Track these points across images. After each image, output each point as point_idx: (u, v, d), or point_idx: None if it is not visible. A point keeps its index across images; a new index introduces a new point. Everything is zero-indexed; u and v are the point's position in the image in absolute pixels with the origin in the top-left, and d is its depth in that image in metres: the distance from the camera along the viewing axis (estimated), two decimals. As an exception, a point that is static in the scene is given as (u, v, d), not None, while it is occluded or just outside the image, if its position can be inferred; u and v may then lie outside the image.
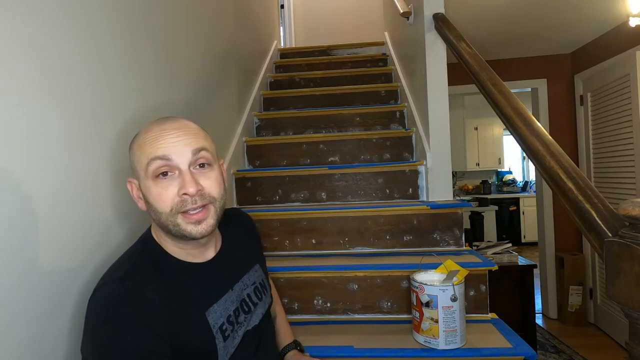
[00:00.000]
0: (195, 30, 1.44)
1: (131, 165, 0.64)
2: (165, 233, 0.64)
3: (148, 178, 0.60)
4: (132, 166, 0.64)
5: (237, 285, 0.73)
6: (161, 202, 0.60)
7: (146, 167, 0.60)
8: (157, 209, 0.61)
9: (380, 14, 3.41)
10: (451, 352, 0.97)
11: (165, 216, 0.60)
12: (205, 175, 0.63)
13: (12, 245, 0.59)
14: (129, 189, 0.66)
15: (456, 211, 1.41)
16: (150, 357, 0.55)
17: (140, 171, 0.61)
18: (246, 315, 0.72)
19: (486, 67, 1.19)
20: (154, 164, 0.59)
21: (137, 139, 0.63)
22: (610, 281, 0.60)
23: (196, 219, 0.61)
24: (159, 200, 0.60)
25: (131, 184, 0.65)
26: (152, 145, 0.60)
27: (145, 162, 0.60)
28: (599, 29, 2.57)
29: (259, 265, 0.82)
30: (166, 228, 0.62)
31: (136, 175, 0.63)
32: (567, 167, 0.79)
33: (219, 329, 0.65)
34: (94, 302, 0.58)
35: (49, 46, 0.68)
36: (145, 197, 0.62)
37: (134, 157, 0.63)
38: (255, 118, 2.19)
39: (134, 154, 0.63)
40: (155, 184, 0.60)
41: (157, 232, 0.67)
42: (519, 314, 2.36)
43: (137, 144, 0.62)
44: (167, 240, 0.66)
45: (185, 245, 0.66)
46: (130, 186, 0.65)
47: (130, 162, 0.65)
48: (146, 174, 0.60)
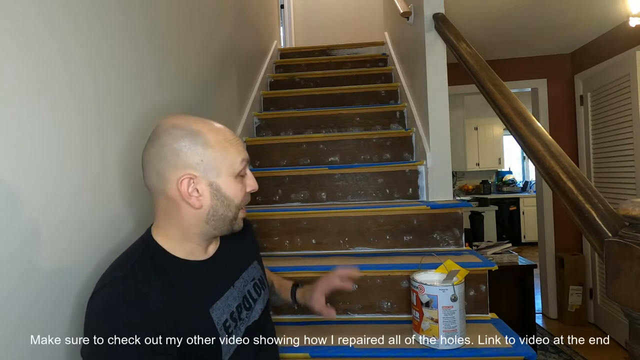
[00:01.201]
0: (195, 30, 1.44)
1: (192, 162, 0.62)
2: (209, 227, 0.66)
3: (232, 175, 0.66)
4: (199, 163, 0.63)
5: (238, 282, 0.74)
6: (239, 196, 0.68)
7: (237, 166, 0.66)
8: (233, 202, 0.67)
9: (380, 14, 3.41)
10: (451, 352, 0.97)
11: (236, 209, 0.68)
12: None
13: (13, 245, 0.59)
14: (182, 186, 0.62)
15: (456, 211, 1.41)
16: (153, 356, 0.55)
17: (226, 168, 0.65)
18: (247, 312, 0.73)
19: (486, 67, 1.19)
20: (243, 164, 0.67)
21: (210, 138, 0.64)
22: (610, 281, 0.60)
23: (244, 213, 0.72)
24: (238, 195, 0.67)
25: (189, 179, 0.62)
26: (237, 148, 0.67)
27: (238, 161, 0.66)
28: (599, 29, 2.57)
29: (257, 262, 0.84)
30: (226, 221, 0.67)
31: (207, 172, 0.63)
32: (567, 167, 0.79)
33: (223, 325, 0.65)
34: (94, 303, 0.58)
35: (49, 46, 0.68)
36: (224, 193, 0.65)
37: (209, 153, 0.63)
38: (255, 118, 2.19)
39: (209, 152, 0.63)
40: (237, 181, 0.67)
41: (165, 231, 0.66)
42: (519, 314, 2.36)
43: (217, 144, 0.64)
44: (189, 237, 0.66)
45: (205, 242, 0.69)
46: (184, 183, 0.62)
47: (189, 159, 0.62)
48: (233, 172, 0.66)
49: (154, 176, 0.63)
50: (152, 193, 0.65)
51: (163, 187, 0.63)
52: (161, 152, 0.62)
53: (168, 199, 0.63)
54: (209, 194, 0.64)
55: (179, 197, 0.62)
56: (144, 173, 0.65)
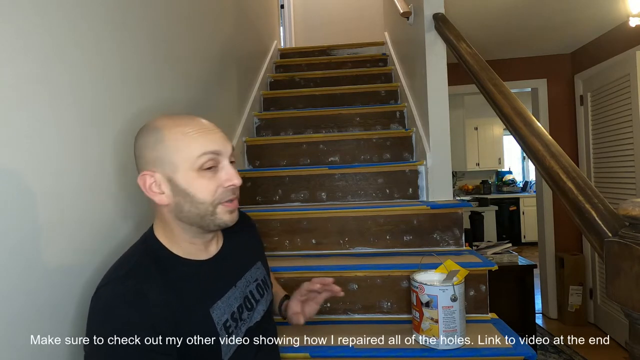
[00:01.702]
0: (195, 29, 1.44)
1: (151, 158, 0.62)
2: (189, 225, 0.64)
3: (193, 170, 0.62)
4: (156, 159, 0.62)
5: (240, 282, 0.73)
6: (207, 192, 0.63)
7: (195, 160, 0.62)
8: (199, 199, 0.62)
9: (380, 14, 3.41)
10: (451, 352, 0.97)
11: (206, 206, 0.63)
12: (235, 169, 0.67)
13: (13, 245, 0.59)
14: (142, 182, 0.62)
15: (456, 211, 1.41)
16: (153, 355, 0.55)
17: (183, 163, 0.62)
18: (249, 312, 0.73)
19: (486, 67, 1.19)
20: (205, 157, 0.62)
21: (169, 132, 0.62)
22: (610, 281, 0.60)
23: (233, 207, 0.66)
24: (204, 191, 0.62)
25: (146, 176, 0.62)
26: (201, 140, 0.62)
27: (196, 155, 0.62)
28: (599, 29, 2.57)
29: (261, 263, 0.83)
30: (200, 219, 0.64)
31: (164, 167, 0.62)
32: (567, 167, 0.79)
33: (223, 325, 0.65)
34: (96, 301, 0.58)
35: (48, 46, 0.68)
36: (184, 189, 0.62)
37: (164, 150, 0.62)
38: (255, 118, 2.19)
39: (165, 147, 0.62)
40: (200, 175, 0.62)
41: (165, 229, 0.66)
42: (519, 314, 2.36)
43: (175, 137, 0.62)
44: (179, 236, 0.66)
45: (197, 239, 0.67)
46: (144, 179, 0.62)
47: (149, 155, 0.62)
48: (192, 166, 0.62)
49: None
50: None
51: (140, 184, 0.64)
52: (135, 152, 0.65)
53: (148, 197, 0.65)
54: (169, 190, 0.63)
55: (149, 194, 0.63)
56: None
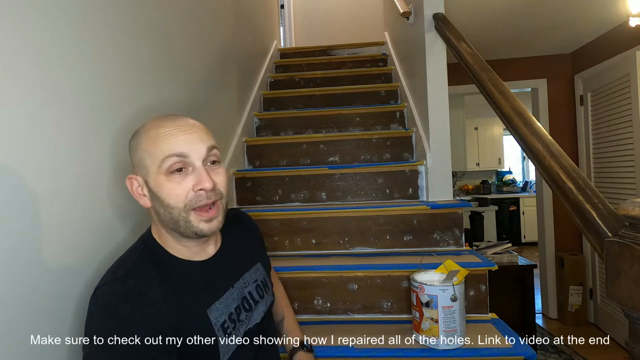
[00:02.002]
0: (195, 29, 1.44)
1: (135, 161, 0.63)
2: (170, 230, 0.64)
3: (161, 174, 0.60)
4: (137, 162, 0.62)
5: (238, 283, 0.73)
6: (175, 197, 0.60)
7: (161, 162, 0.59)
8: (169, 204, 0.60)
9: (380, 14, 3.41)
10: (451, 352, 0.97)
11: (178, 212, 0.61)
12: (216, 171, 0.64)
13: (12, 245, 0.59)
14: (129, 186, 0.64)
15: (456, 211, 1.41)
16: (154, 354, 0.55)
17: (151, 166, 0.60)
18: (247, 313, 0.72)
19: (486, 67, 1.19)
20: (170, 160, 0.59)
21: (145, 134, 0.62)
22: (610, 281, 0.60)
23: (208, 217, 0.62)
24: (172, 195, 0.60)
25: (132, 180, 0.63)
26: (168, 142, 0.60)
27: (161, 158, 0.59)
28: (599, 29, 2.57)
29: (261, 264, 0.82)
30: (175, 224, 0.62)
31: (141, 171, 0.62)
32: (567, 167, 0.79)
33: (221, 326, 0.65)
34: (95, 301, 0.58)
35: (48, 46, 0.68)
36: (155, 193, 0.61)
37: (141, 153, 0.61)
38: (255, 118, 2.19)
39: (141, 150, 0.61)
40: (169, 179, 0.60)
41: (158, 230, 0.66)
42: (519, 314, 2.36)
43: (148, 139, 0.61)
44: (170, 238, 0.65)
45: (188, 242, 0.66)
46: (131, 182, 0.63)
47: (133, 158, 0.63)
48: (159, 170, 0.60)
49: None
50: None
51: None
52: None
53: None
54: (148, 193, 0.63)
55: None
56: None
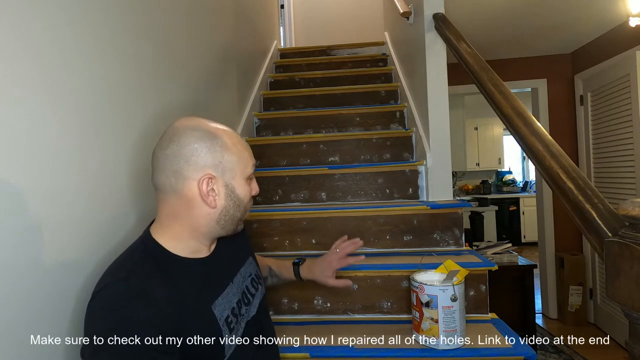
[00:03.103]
0: (195, 30, 1.44)
1: (213, 163, 0.65)
2: (218, 228, 0.69)
3: (243, 177, 0.70)
4: (221, 164, 0.66)
5: (236, 278, 0.75)
6: (246, 197, 0.71)
7: (245, 168, 0.70)
8: (244, 204, 0.71)
9: (380, 14, 3.41)
10: (451, 352, 0.97)
11: (243, 210, 0.71)
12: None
13: (13, 244, 0.59)
14: (199, 186, 0.64)
15: (456, 211, 1.41)
16: (155, 355, 0.55)
17: (237, 171, 0.68)
18: (247, 307, 0.74)
19: (486, 67, 1.19)
20: (252, 168, 0.72)
21: (227, 140, 0.67)
22: (610, 281, 0.60)
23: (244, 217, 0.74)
24: (247, 196, 0.71)
25: (209, 180, 0.65)
26: (250, 152, 0.72)
27: (248, 165, 0.70)
28: (599, 29, 2.57)
29: (252, 258, 0.86)
30: (231, 222, 0.69)
31: (225, 173, 0.67)
32: (567, 167, 0.79)
33: (225, 321, 0.66)
34: (97, 302, 0.58)
35: (48, 46, 0.68)
36: (237, 194, 0.68)
37: (228, 156, 0.67)
38: (255, 118, 2.19)
39: (229, 153, 0.67)
40: (247, 183, 0.71)
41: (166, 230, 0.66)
42: (519, 314, 2.36)
43: (233, 146, 0.68)
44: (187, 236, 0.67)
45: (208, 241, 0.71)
46: (204, 183, 0.65)
47: (211, 159, 0.65)
48: (242, 174, 0.69)
49: (169, 175, 0.64)
50: (162, 191, 0.66)
51: (180, 186, 0.64)
52: (180, 152, 0.64)
53: (181, 198, 0.65)
54: (224, 194, 0.67)
55: (197, 196, 0.65)
56: (155, 172, 0.65)
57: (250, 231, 1.46)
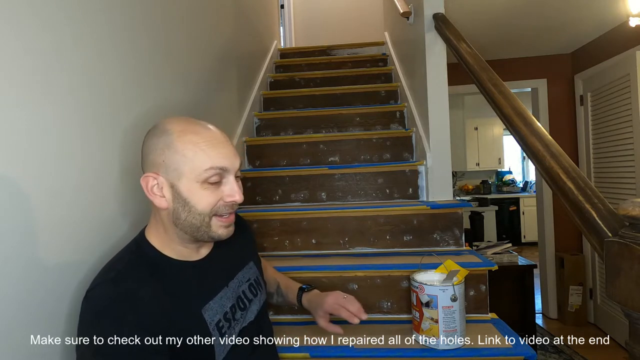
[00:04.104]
0: (195, 30, 1.44)
1: (157, 161, 0.62)
2: (180, 232, 0.64)
3: (197, 181, 0.61)
4: (164, 163, 0.61)
5: (232, 282, 0.74)
6: (205, 204, 0.62)
7: (201, 172, 0.61)
8: (196, 209, 0.62)
9: (380, 14, 3.41)
10: (451, 352, 0.97)
11: (202, 217, 0.63)
12: (239, 184, 0.67)
13: (12, 244, 0.59)
14: (145, 183, 0.62)
15: (456, 211, 1.41)
16: (146, 356, 0.55)
17: (188, 173, 0.61)
18: (242, 312, 0.73)
19: (486, 67, 1.19)
20: (211, 172, 0.61)
21: (180, 138, 0.61)
22: (610, 281, 0.60)
23: (228, 222, 0.66)
24: (203, 202, 0.62)
25: (150, 178, 0.62)
26: (209, 153, 0.61)
27: (203, 168, 0.61)
28: (599, 29, 2.57)
29: (254, 263, 0.84)
30: (193, 229, 0.63)
31: (169, 173, 0.62)
32: (567, 167, 0.79)
33: (216, 325, 0.65)
34: (87, 303, 0.58)
35: (46, 46, 0.68)
36: (184, 198, 0.62)
37: (173, 156, 0.61)
38: (255, 118, 2.19)
39: (174, 152, 0.61)
40: (203, 187, 0.62)
41: (160, 231, 0.66)
42: (519, 314, 2.36)
43: (184, 144, 0.61)
44: (174, 239, 0.66)
45: (191, 244, 0.68)
46: (147, 181, 0.62)
47: (156, 158, 0.62)
48: (196, 178, 0.61)
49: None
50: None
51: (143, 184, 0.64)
52: (144, 150, 0.65)
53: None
54: (170, 195, 0.62)
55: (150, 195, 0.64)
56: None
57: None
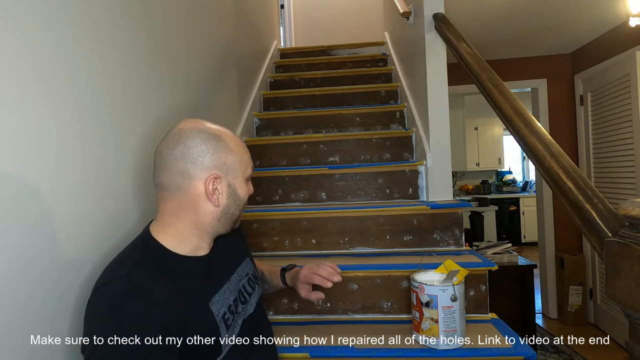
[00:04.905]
0: (195, 30, 1.44)
1: (218, 163, 0.68)
2: (218, 225, 0.71)
3: (243, 178, 0.73)
4: (225, 165, 0.69)
5: (233, 277, 0.77)
6: (246, 196, 0.74)
7: (246, 169, 0.73)
8: (242, 202, 0.74)
9: (380, 14, 3.41)
10: (451, 352, 0.97)
11: (241, 209, 0.75)
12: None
13: (13, 244, 0.59)
14: (205, 185, 0.66)
15: (456, 211, 1.41)
16: (159, 352, 0.55)
17: (239, 172, 0.71)
18: (243, 305, 0.76)
19: (486, 68, 1.19)
20: (251, 169, 0.75)
21: (229, 142, 0.70)
22: (610, 281, 0.60)
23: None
24: (245, 195, 0.74)
25: (214, 179, 0.67)
26: (249, 154, 0.75)
27: (249, 165, 0.74)
28: (599, 29, 2.57)
29: (249, 258, 0.87)
30: (233, 218, 0.73)
31: (228, 173, 0.69)
32: (567, 167, 0.79)
33: (222, 318, 0.67)
34: (97, 300, 0.58)
35: (46, 46, 0.68)
36: (238, 194, 0.72)
37: (231, 157, 0.69)
38: (255, 118, 2.19)
39: (232, 154, 0.70)
40: (246, 184, 0.75)
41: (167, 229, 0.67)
42: (519, 314, 2.36)
43: (235, 147, 0.71)
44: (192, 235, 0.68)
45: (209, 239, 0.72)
46: (211, 183, 0.67)
47: (216, 160, 0.68)
48: (243, 175, 0.73)
49: (176, 175, 0.66)
50: (166, 190, 0.67)
51: (186, 185, 0.66)
52: (188, 153, 0.66)
53: (187, 197, 0.66)
54: (226, 193, 0.70)
55: (202, 195, 0.67)
56: (159, 171, 0.67)
57: (250, 231, 1.46)
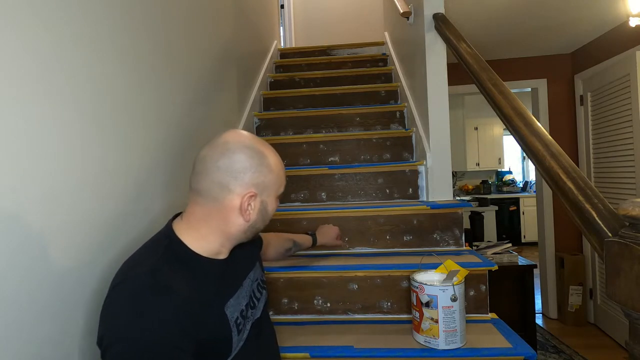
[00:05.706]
0: (195, 30, 1.44)
1: (257, 181, 0.69)
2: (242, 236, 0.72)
3: (275, 196, 0.74)
4: (264, 182, 0.70)
5: (245, 282, 0.77)
6: (273, 213, 0.75)
7: (281, 188, 0.75)
8: (268, 218, 0.74)
9: (380, 14, 3.41)
10: (451, 352, 0.97)
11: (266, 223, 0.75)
12: None
13: (14, 246, 0.59)
14: (243, 201, 0.67)
15: (456, 211, 1.41)
16: (176, 352, 0.55)
17: (273, 190, 0.72)
18: (252, 310, 0.77)
19: (486, 68, 1.19)
20: (284, 187, 0.76)
21: (271, 159, 0.71)
22: (610, 281, 0.60)
23: None
24: (274, 211, 0.75)
25: (253, 197, 0.69)
26: (284, 171, 0.76)
27: (284, 184, 0.76)
28: (599, 29, 2.57)
29: (259, 263, 0.88)
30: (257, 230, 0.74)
31: (264, 190, 0.70)
32: (567, 167, 0.79)
33: (234, 322, 0.68)
34: (120, 292, 0.58)
35: (46, 45, 0.68)
36: (268, 211, 0.73)
37: (270, 176, 0.71)
38: (255, 118, 2.19)
39: (272, 173, 0.71)
40: (277, 200, 0.76)
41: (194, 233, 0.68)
42: (519, 314, 2.36)
43: (276, 166, 0.72)
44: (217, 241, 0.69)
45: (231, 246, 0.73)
46: (248, 199, 0.68)
47: (256, 178, 0.69)
48: (277, 192, 0.74)
49: (214, 185, 0.66)
50: (201, 196, 0.67)
51: (222, 197, 0.67)
52: (232, 167, 0.67)
53: (220, 207, 0.67)
54: (257, 210, 0.70)
55: (236, 209, 0.67)
56: (198, 177, 0.68)
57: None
